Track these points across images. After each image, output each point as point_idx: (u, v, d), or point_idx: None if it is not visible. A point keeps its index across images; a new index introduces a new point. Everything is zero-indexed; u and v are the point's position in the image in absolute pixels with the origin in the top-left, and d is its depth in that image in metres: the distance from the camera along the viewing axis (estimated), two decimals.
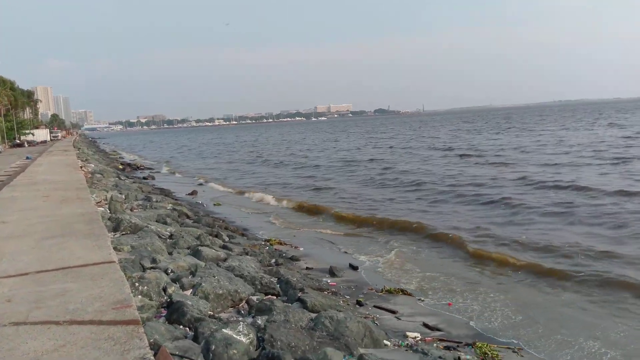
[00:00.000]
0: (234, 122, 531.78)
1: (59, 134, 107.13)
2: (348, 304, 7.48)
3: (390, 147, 46.13)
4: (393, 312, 7.38)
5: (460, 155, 32.53)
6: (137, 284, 5.93)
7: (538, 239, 11.30)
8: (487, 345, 6.03)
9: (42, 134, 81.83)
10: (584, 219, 12.89)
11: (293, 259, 10.60)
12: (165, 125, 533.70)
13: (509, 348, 6.17)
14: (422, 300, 8.06)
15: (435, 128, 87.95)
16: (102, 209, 11.81)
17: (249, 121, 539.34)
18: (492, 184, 19.53)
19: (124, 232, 9.84)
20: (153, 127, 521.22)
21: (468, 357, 5.70)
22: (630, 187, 16.63)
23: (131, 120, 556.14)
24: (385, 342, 5.79)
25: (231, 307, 6.44)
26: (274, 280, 7.75)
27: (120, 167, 36.90)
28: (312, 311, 6.38)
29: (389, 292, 8.38)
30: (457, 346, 6.08)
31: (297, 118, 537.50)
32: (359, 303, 7.67)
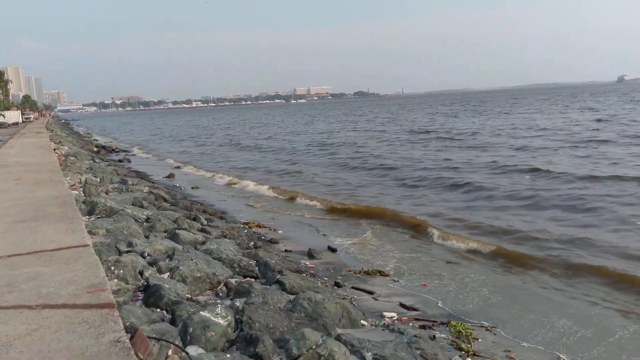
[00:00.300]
0: (212, 104, 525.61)
1: (32, 116, 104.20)
2: (326, 286, 7.54)
3: (367, 130, 46.29)
4: (370, 292, 7.47)
5: (437, 138, 32.86)
6: (112, 268, 5.86)
7: (511, 223, 11.48)
8: (461, 324, 6.16)
9: (13, 116, 79.51)
10: (557, 203, 13.11)
11: (272, 241, 10.60)
12: (141, 107, 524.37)
13: (482, 326, 6.32)
14: (399, 282, 8.18)
15: (413, 111, 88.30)
16: (77, 192, 11.60)
17: (227, 103, 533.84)
18: (466, 169, 19.71)
19: (99, 216, 9.68)
20: (128, 108, 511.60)
21: (443, 335, 5.83)
22: (603, 172, 17.02)
23: (105, 102, 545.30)
24: (363, 322, 5.87)
25: (209, 290, 6.43)
26: (253, 262, 7.74)
27: (95, 149, 36.15)
28: (291, 293, 6.42)
29: (367, 273, 8.47)
30: (432, 325, 6.21)
31: (277, 100, 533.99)
32: (337, 284, 7.74)
